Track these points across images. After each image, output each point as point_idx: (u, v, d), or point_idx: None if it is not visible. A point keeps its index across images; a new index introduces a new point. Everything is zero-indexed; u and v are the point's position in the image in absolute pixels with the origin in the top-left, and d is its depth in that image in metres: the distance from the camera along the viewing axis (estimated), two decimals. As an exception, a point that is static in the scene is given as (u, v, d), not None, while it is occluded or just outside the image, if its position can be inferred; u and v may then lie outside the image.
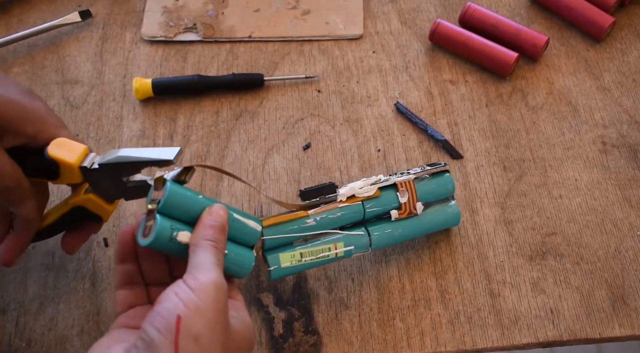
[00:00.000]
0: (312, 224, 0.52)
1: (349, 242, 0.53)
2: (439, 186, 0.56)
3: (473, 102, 0.66)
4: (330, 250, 0.52)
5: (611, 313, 0.54)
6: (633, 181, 0.61)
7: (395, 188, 0.54)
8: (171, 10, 0.72)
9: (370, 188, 0.54)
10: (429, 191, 0.55)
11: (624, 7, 0.71)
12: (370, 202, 0.53)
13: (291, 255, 0.52)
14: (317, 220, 0.52)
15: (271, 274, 0.51)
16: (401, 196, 0.54)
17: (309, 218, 0.52)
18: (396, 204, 0.54)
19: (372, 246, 0.54)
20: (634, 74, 0.67)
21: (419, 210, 0.55)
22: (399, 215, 0.54)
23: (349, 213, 0.53)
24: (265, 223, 0.51)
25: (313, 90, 0.67)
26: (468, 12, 0.69)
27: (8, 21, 0.72)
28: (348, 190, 0.53)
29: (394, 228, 0.54)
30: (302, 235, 0.52)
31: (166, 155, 0.48)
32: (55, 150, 0.48)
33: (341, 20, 0.71)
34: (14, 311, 0.55)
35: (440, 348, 0.53)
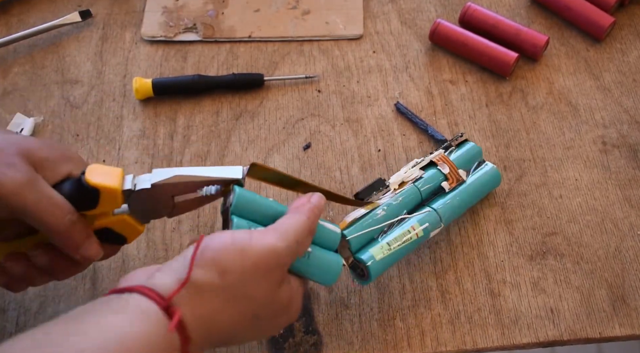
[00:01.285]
0: (382, 214, 0.54)
1: (422, 221, 0.54)
2: (467, 153, 0.59)
3: (473, 102, 0.66)
4: (410, 232, 0.54)
5: (611, 313, 0.54)
6: (633, 181, 0.61)
7: (434, 166, 0.58)
8: (171, 10, 0.72)
9: (414, 170, 0.57)
10: (462, 159, 0.59)
11: (624, 7, 0.71)
12: (420, 182, 0.57)
13: (380, 247, 0.52)
14: (385, 209, 0.54)
15: (370, 270, 0.51)
16: (442, 168, 0.57)
17: (378, 210, 0.54)
18: (442, 177, 0.57)
19: (442, 220, 0.55)
20: (634, 74, 0.67)
21: (464, 175, 0.58)
22: (450, 184, 0.57)
23: (408, 196, 0.56)
24: (341, 226, 0.53)
25: (313, 90, 0.67)
26: (468, 12, 0.69)
27: (8, 21, 0.72)
28: (396, 178, 0.57)
29: (452, 198, 0.57)
30: (379, 226, 0.54)
31: (233, 174, 0.47)
32: (94, 177, 0.45)
33: (341, 20, 0.71)
34: (14, 311, 0.55)
35: (441, 348, 0.53)
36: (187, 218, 0.59)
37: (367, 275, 0.52)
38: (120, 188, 0.46)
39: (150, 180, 0.47)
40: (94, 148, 0.64)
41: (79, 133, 0.65)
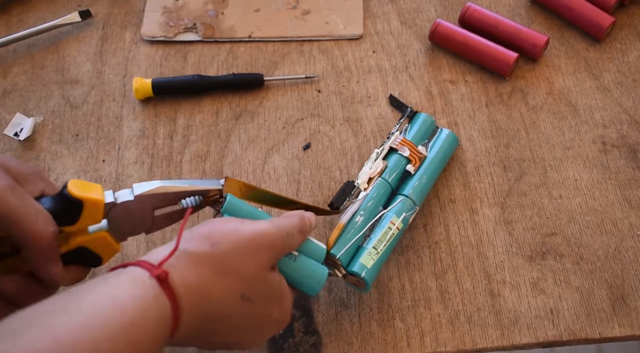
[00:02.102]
0: (361, 220, 0.55)
1: (399, 212, 0.56)
2: (421, 126, 0.61)
3: (473, 102, 0.66)
4: (391, 228, 0.55)
5: (611, 313, 0.54)
6: (633, 181, 0.61)
7: (394, 151, 0.59)
8: (171, 10, 0.72)
9: (377, 164, 0.58)
10: (418, 134, 0.60)
11: (624, 7, 0.71)
12: (386, 173, 0.57)
13: (368, 254, 0.53)
14: (362, 214, 0.55)
15: (366, 280, 0.52)
16: (403, 152, 0.58)
17: (355, 217, 0.55)
18: (405, 160, 0.58)
19: (416, 204, 0.57)
20: (634, 74, 0.67)
21: (424, 151, 0.59)
22: (414, 165, 0.58)
23: (379, 190, 0.57)
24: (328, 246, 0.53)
25: (313, 90, 0.67)
26: (468, 12, 0.69)
27: (8, 21, 0.72)
28: (363, 177, 0.57)
29: (420, 179, 0.58)
30: (361, 234, 0.54)
31: (214, 185, 0.49)
32: (78, 190, 0.45)
33: (341, 20, 0.71)
34: (14, 311, 0.55)
35: (440, 348, 0.53)
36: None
37: (365, 284, 0.52)
38: (104, 201, 0.46)
39: (133, 192, 0.47)
40: (94, 148, 0.64)
41: (79, 133, 0.65)
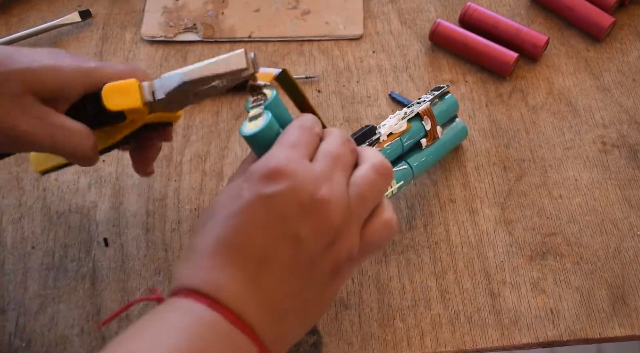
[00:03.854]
0: None
1: (398, 178, 0.56)
2: (447, 108, 0.60)
3: (473, 102, 0.66)
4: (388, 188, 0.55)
5: (611, 313, 0.54)
6: (633, 181, 0.61)
7: (419, 118, 0.58)
8: (171, 10, 0.72)
9: (402, 123, 0.57)
10: (441, 114, 0.60)
11: (624, 7, 0.71)
12: (405, 136, 0.57)
13: None
14: None
15: None
16: (426, 124, 0.58)
17: None
18: (423, 133, 0.58)
19: (414, 177, 0.58)
20: (634, 74, 0.67)
21: (440, 133, 0.59)
22: (427, 142, 0.58)
23: (392, 150, 0.56)
24: None
25: (313, 90, 0.67)
26: (468, 12, 0.69)
27: (8, 21, 0.72)
28: (387, 129, 0.56)
29: (426, 155, 0.58)
30: None
31: (237, 65, 0.45)
32: (113, 101, 0.46)
33: (341, 20, 0.71)
34: (13, 311, 0.55)
35: (440, 348, 0.53)
36: (187, 218, 0.59)
37: None
38: (142, 105, 0.47)
39: (162, 88, 0.47)
40: (94, 148, 0.64)
41: (79, 133, 0.65)
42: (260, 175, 0.39)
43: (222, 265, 0.38)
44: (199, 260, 0.39)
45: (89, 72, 0.47)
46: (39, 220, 0.60)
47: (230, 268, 0.38)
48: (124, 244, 0.58)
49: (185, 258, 0.40)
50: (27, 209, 0.60)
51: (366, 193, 0.41)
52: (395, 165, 0.57)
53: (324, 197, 0.39)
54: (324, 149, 0.42)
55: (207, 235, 0.39)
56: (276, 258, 0.38)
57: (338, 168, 0.41)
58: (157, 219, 0.60)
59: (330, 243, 0.39)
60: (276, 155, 0.40)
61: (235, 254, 0.38)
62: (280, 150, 0.41)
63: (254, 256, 0.38)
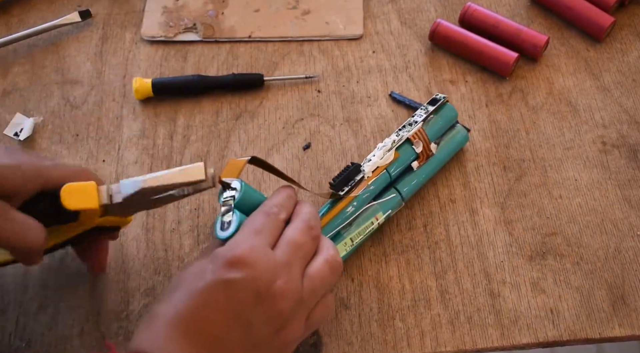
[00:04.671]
0: (352, 210, 0.55)
1: (385, 208, 0.56)
2: (444, 120, 0.59)
3: (473, 102, 0.66)
4: (373, 223, 0.55)
5: (611, 313, 0.54)
6: (633, 181, 0.61)
7: (409, 142, 0.57)
8: (171, 10, 0.72)
9: (389, 155, 0.56)
10: (438, 129, 0.58)
11: (624, 7, 0.71)
12: (392, 166, 0.56)
13: (344, 244, 0.54)
14: (354, 205, 0.55)
15: None
16: (417, 147, 0.57)
17: (347, 208, 0.55)
18: (414, 155, 0.57)
19: (404, 200, 0.57)
20: (634, 74, 0.67)
21: (434, 150, 0.58)
22: (419, 163, 0.57)
23: (379, 183, 0.56)
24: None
25: (313, 90, 0.67)
26: (468, 12, 0.69)
27: (8, 21, 0.72)
28: (371, 165, 0.56)
29: (418, 176, 0.57)
30: (346, 223, 0.55)
31: (195, 176, 0.47)
32: (72, 200, 0.46)
33: (341, 20, 0.71)
34: (14, 311, 0.55)
35: (440, 348, 0.53)
36: (187, 218, 0.59)
37: None
38: (99, 206, 0.47)
39: (120, 192, 0.47)
40: (94, 148, 0.64)
41: (79, 133, 0.65)
42: (224, 260, 0.43)
43: (176, 338, 0.41)
44: (157, 327, 0.42)
45: (45, 171, 0.47)
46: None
47: (183, 342, 0.41)
48: (124, 244, 0.58)
49: (146, 322, 0.43)
50: (27, 209, 0.60)
51: (317, 287, 0.46)
52: (383, 195, 0.56)
53: (279, 288, 0.43)
54: (287, 236, 0.46)
55: (169, 306, 0.42)
56: (227, 339, 0.42)
57: (297, 258, 0.45)
58: (157, 219, 0.60)
59: (279, 329, 0.44)
60: (240, 243, 0.44)
61: (190, 330, 0.41)
62: (245, 238, 0.44)
63: (207, 335, 0.42)
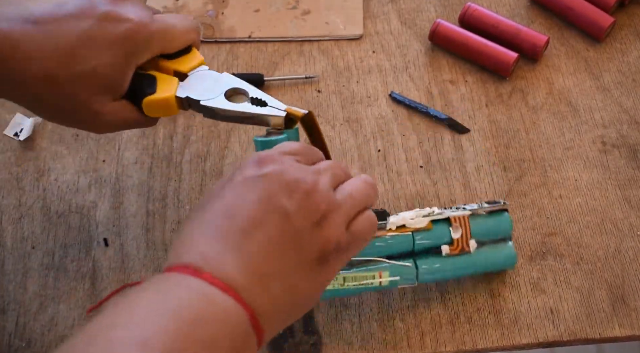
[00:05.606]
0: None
1: (394, 272, 0.51)
2: (495, 225, 0.53)
3: (473, 102, 0.66)
4: (374, 278, 0.51)
5: (611, 313, 0.54)
6: (633, 181, 0.61)
7: (448, 223, 0.52)
8: (171, 10, 0.72)
9: (422, 220, 0.51)
10: (484, 229, 0.53)
11: (624, 7, 0.71)
12: (420, 234, 0.52)
13: (334, 279, 0.50)
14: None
15: None
16: (454, 231, 0.52)
17: None
18: (448, 239, 0.52)
19: (418, 279, 0.52)
20: (634, 74, 0.67)
21: (472, 247, 0.52)
22: (451, 251, 0.52)
23: (398, 242, 0.51)
24: None
25: (313, 90, 0.67)
26: (468, 12, 0.69)
27: (8, 21, 0.72)
28: (399, 219, 0.51)
29: (444, 264, 0.52)
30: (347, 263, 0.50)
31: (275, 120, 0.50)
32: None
33: (341, 20, 0.71)
34: (13, 311, 0.55)
35: (440, 348, 0.53)
36: (187, 218, 0.60)
37: None
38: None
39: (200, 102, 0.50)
40: (94, 148, 0.64)
41: (79, 133, 0.65)
42: (251, 162, 0.42)
43: (207, 237, 0.39)
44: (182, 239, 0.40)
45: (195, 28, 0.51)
46: (39, 220, 0.60)
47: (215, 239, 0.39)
48: (124, 244, 0.58)
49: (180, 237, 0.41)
50: (27, 209, 0.60)
51: (354, 194, 0.43)
52: (400, 259, 0.52)
53: (309, 183, 0.41)
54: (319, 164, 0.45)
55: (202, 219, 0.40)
56: (263, 229, 0.39)
57: (328, 173, 0.43)
58: (157, 219, 0.60)
59: (316, 224, 0.40)
60: (268, 151, 0.43)
61: (221, 225, 0.39)
62: (273, 150, 0.44)
63: (240, 226, 0.39)
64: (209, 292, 0.36)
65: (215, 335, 0.35)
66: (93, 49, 0.46)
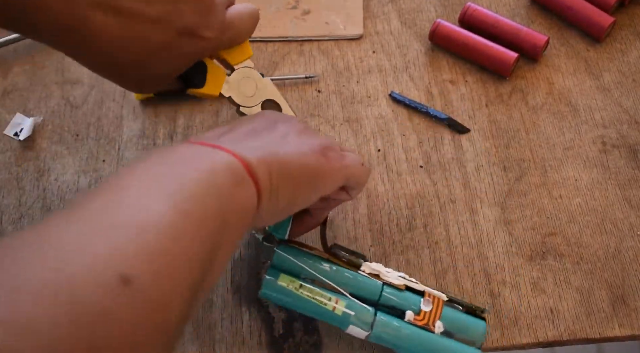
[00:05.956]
0: (326, 269, 0.50)
1: (351, 307, 0.49)
2: (468, 325, 0.50)
3: (473, 102, 0.66)
4: (330, 300, 0.49)
5: (611, 313, 0.54)
6: (633, 181, 0.61)
7: (421, 295, 0.51)
8: (171, 10, 0.72)
9: (396, 278, 0.51)
10: (456, 321, 0.50)
11: (624, 7, 0.71)
12: (390, 288, 0.50)
13: (291, 280, 0.49)
14: (332, 269, 0.50)
15: (263, 285, 0.49)
16: (424, 304, 0.50)
17: (325, 262, 0.50)
18: (416, 308, 0.50)
19: (372, 330, 0.48)
20: (634, 74, 0.67)
21: (437, 329, 0.49)
22: (414, 319, 0.49)
23: (366, 284, 0.50)
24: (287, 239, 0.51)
25: (313, 90, 0.67)
26: (468, 12, 0.69)
27: (8, 21, 0.72)
28: (375, 266, 0.51)
29: (403, 328, 0.49)
30: (312, 273, 0.50)
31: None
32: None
33: (341, 20, 0.71)
34: (14, 311, 0.55)
35: (440, 348, 0.53)
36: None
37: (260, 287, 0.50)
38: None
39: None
40: (94, 148, 0.64)
41: (79, 133, 0.65)
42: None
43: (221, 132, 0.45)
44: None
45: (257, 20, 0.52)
46: (39, 220, 0.59)
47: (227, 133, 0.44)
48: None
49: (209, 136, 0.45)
50: (27, 209, 0.60)
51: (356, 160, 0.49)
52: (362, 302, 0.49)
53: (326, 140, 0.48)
54: None
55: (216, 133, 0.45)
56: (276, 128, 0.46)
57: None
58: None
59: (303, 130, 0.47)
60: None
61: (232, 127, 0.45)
62: None
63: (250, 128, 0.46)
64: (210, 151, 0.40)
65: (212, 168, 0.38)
66: (164, 59, 0.46)
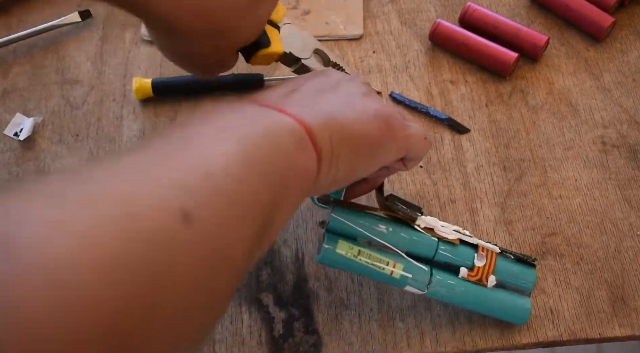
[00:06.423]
0: (382, 230, 0.50)
1: (408, 269, 0.49)
2: (519, 273, 0.52)
3: (473, 102, 0.66)
4: (387, 264, 0.49)
5: (611, 313, 0.54)
6: (633, 181, 0.61)
7: (475, 249, 0.51)
8: (171, 10, 0.72)
9: (451, 232, 0.51)
10: (508, 272, 0.52)
11: (624, 7, 0.71)
12: (445, 245, 0.51)
13: (349, 247, 0.49)
14: (388, 230, 0.50)
15: (322, 253, 0.49)
16: (478, 258, 0.51)
17: (381, 223, 0.50)
18: (470, 264, 0.51)
19: (429, 287, 0.50)
20: (634, 74, 0.67)
21: (490, 283, 0.51)
22: (468, 275, 0.50)
23: (422, 243, 0.50)
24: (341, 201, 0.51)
25: (313, 90, 0.67)
26: (468, 12, 0.69)
27: (8, 21, 0.72)
28: (430, 220, 0.51)
29: (457, 285, 0.50)
30: (369, 236, 0.50)
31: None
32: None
33: (341, 20, 0.71)
34: (14, 311, 0.55)
35: (440, 348, 0.53)
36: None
37: (318, 255, 0.50)
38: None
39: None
40: (94, 148, 0.64)
41: (79, 133, 0.65)
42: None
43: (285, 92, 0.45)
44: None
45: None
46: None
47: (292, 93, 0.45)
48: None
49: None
50: (27, 209, 0.60)
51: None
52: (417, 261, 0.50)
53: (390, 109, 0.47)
54: None
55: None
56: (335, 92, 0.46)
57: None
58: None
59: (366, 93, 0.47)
60: None
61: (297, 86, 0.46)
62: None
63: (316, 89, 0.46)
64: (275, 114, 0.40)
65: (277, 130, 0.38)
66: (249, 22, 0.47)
